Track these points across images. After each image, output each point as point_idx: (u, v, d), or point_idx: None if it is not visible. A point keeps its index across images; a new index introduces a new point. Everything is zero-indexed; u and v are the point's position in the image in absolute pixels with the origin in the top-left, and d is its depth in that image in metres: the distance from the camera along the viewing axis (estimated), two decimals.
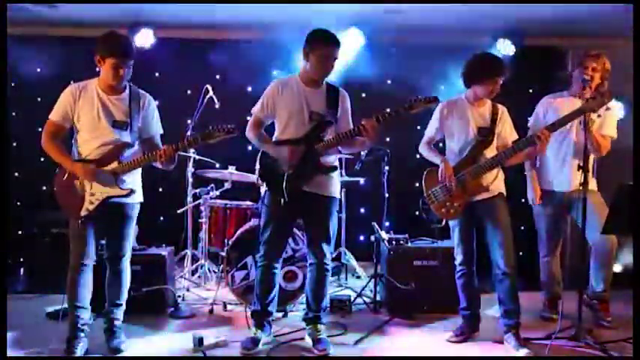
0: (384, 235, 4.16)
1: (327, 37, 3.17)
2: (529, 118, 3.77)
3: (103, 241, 3.24)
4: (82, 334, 3.15)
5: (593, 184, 3.67)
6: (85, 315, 3.18)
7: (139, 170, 3.23)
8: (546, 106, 3.72)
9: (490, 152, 3.30)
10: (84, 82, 3.16)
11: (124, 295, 3.27)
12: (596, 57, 3.57)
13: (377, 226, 4.22)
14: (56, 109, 3.11)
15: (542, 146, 3.14)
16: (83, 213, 3.05)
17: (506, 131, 3.35)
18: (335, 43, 3.18)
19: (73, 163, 3.06)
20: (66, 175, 3.10)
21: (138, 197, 3.25)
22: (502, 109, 3.37)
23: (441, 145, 3.55)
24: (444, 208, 3.34)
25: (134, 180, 3.20)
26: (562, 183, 3.64)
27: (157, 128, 3.30)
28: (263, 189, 3.35)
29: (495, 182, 3.32)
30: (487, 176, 3.29)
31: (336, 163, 3.37)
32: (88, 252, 3.12)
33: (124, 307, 3.29)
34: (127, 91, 3.17)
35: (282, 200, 3.18)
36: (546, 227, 3.77)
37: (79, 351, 3.09)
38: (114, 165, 3.06)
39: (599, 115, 3.46)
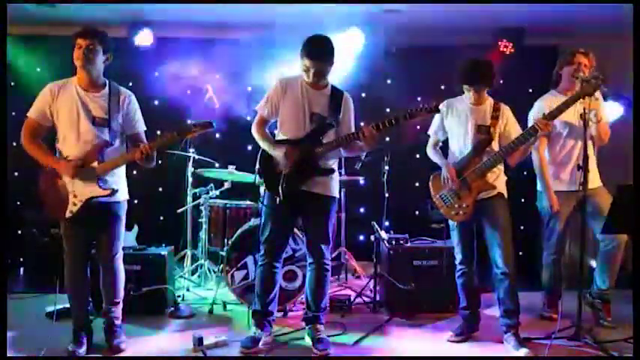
0: (383, 234, 4.16)
1: (311, 51, 3.12)
2: (528, 118, 3.76)
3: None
4: (83, 333, 3.17)
5: (598, 180, 3.68)
6: (85, 314, 3.20)
7: (123, 168, 3.22)
8: (546, 106, 3.69)
9: (491, 150, 3.29)
10: (63, 80, 3.14)
11: (121, 293, 3.28)
12: (587, 54, 3.62)
13: (377, 226, 4.22)
14: (34, 107, 3.09)
15: (543, 131, 3.14)
16: (67, 215, 3.03)
17: (511, 129, 3.34)
18: (318, 58, 3.13)
19: (56, 161, 3.03)
20: (49, 176, 3.06)
21: (123, 195, 3.23)
22: (504, 108, 3.37)
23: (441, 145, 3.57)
24: (453, 210, 3.33)
25: (117, 179, 3.18)
26: (576, 182, 3.60)
27: (140, 125, 3.27)
28: (263, 188, 3.35)
29: (496, 182, 3.32)
30: (490, 174, 3.29)
31: (335, 166, 3.37)
32: (80, 252, 3.14)
33: (121, 304, 3.30)
34: (107, 88, 3.15)
35: (278, 199, 3.18)
36: (560, 227, 3.72)
37: (81, 350, 3.11)
38: (94, 165, 3.04)
39: (596, 99, 3.44)
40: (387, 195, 4.36)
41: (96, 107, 3.09)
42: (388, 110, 5.41)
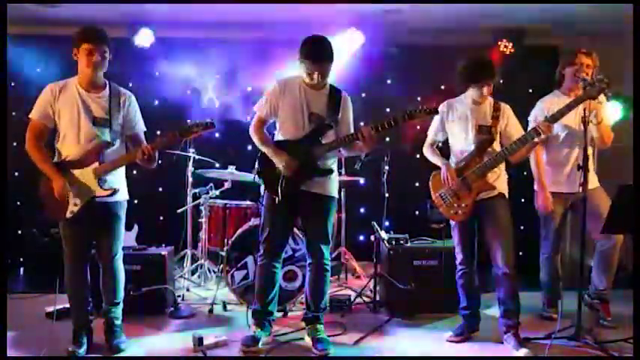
0: (384, 234, 4.16)
1: (313, 53, 3.12)
2: (529, 119, 3.76)
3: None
4: (83, 333, 3.17)
5: (595, 181, 3.68)
6: (85, 314, 3.20)
7: (122, 168, 3.21)
8: (547, 107, 3.68)
9: (492, 150, 3.29)
10: (63, 80, 3.13)
11: (121, 293, 3.28)
12: (589, 54, 3.61)
13: (377, 226, 4.22)
14: (36, 108, 3.08)
15: (545, 134, 3.13)
16: (68, 215, 3.03)
17: (511, 129, 3.33)
18: (321, 60, 3.12)
19: (55, 178, 3.01)
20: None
21: (123, 195, 3.23)
22: (504, 107, 3.36)
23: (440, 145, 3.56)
24: (452, 209, 3.34)
25: (117, 179, 3.17)
26: (573, 184, 3.60)
27: (140, 126, 3.28)
28: (262, 188, 3.35)
29: (497, 182, 3.32)
30: (490, 174, 3.29)
31: (334, 166, 3.37)
32: (79, 252, 3.14)
33: (121, 305, 3.30)
34: (107, 88, 3.15)
35: (277, 199, 3.18)
36: (555, 226, 3.73)
37: (81, 350, 3.11)
38: (94, 165, 3.04)
39: (599, 101, 3.44)
40: (387, 195, 4.36)
41: (97, 107, 3.09)
42: (388, 110, 5.41)
